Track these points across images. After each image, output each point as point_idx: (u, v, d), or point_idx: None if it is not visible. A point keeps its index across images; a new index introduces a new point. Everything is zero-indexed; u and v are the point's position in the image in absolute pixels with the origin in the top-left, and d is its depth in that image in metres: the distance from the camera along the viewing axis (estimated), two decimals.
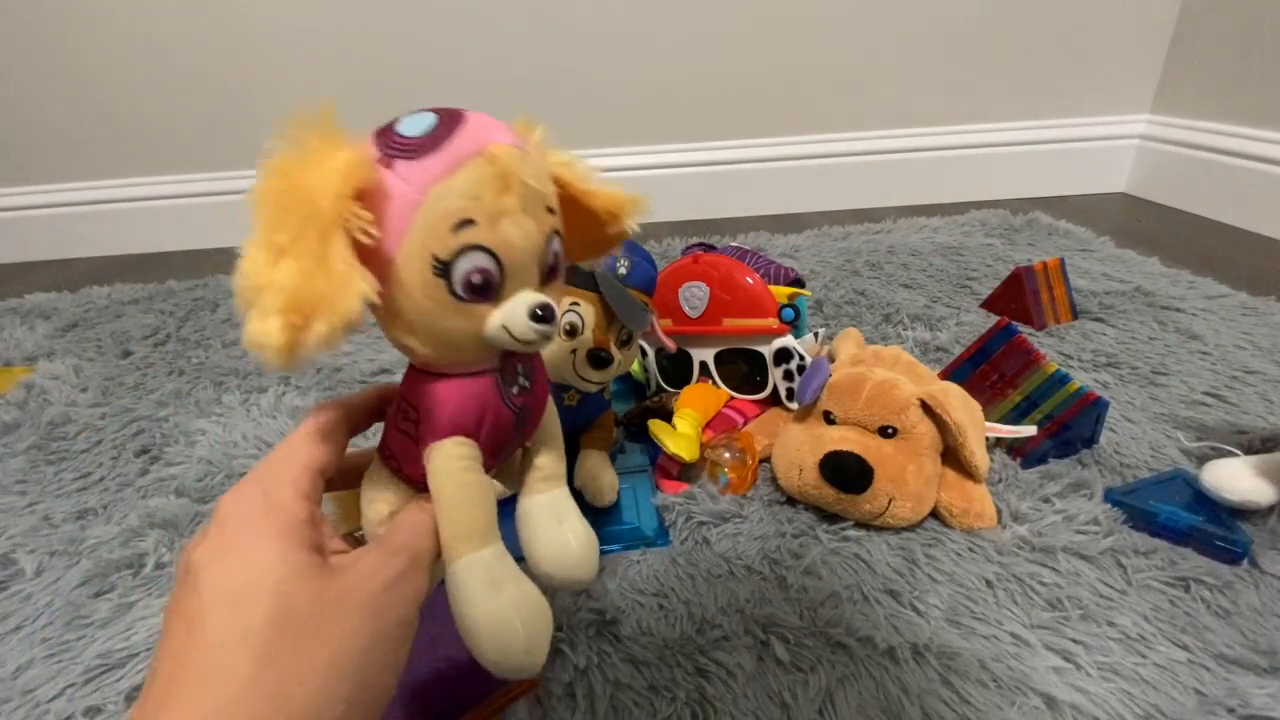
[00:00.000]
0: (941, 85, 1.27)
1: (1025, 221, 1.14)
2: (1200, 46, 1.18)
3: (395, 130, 0.24)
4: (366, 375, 0.77)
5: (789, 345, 0.58)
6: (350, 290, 0.21)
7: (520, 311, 0.24)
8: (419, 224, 0.23)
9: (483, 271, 0.24)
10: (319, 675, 0.21)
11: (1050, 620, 0.42)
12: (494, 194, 0.23)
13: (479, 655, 0.25)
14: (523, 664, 0.25)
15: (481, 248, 0.24)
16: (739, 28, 1.21)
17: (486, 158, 0.23)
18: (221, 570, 0.22)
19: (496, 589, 0.25)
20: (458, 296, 0.24)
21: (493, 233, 0.24)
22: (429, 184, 0.23)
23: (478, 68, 1.23)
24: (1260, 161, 1.06)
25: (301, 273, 0.20)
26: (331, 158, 0.22)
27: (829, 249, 1.08)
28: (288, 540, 0.23)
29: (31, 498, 0.60)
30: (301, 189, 0.21)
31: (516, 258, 0.24)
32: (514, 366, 0.28)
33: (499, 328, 0.25)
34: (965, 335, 0.77)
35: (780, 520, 0.51)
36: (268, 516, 0.23)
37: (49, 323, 0.97)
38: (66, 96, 1.23)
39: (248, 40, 1.20)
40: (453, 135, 0.24)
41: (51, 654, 0.44)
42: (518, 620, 0.25)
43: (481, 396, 0.27)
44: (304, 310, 0.20)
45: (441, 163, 0.23)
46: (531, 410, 0.29)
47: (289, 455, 0.26)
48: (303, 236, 0.21)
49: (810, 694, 0.38)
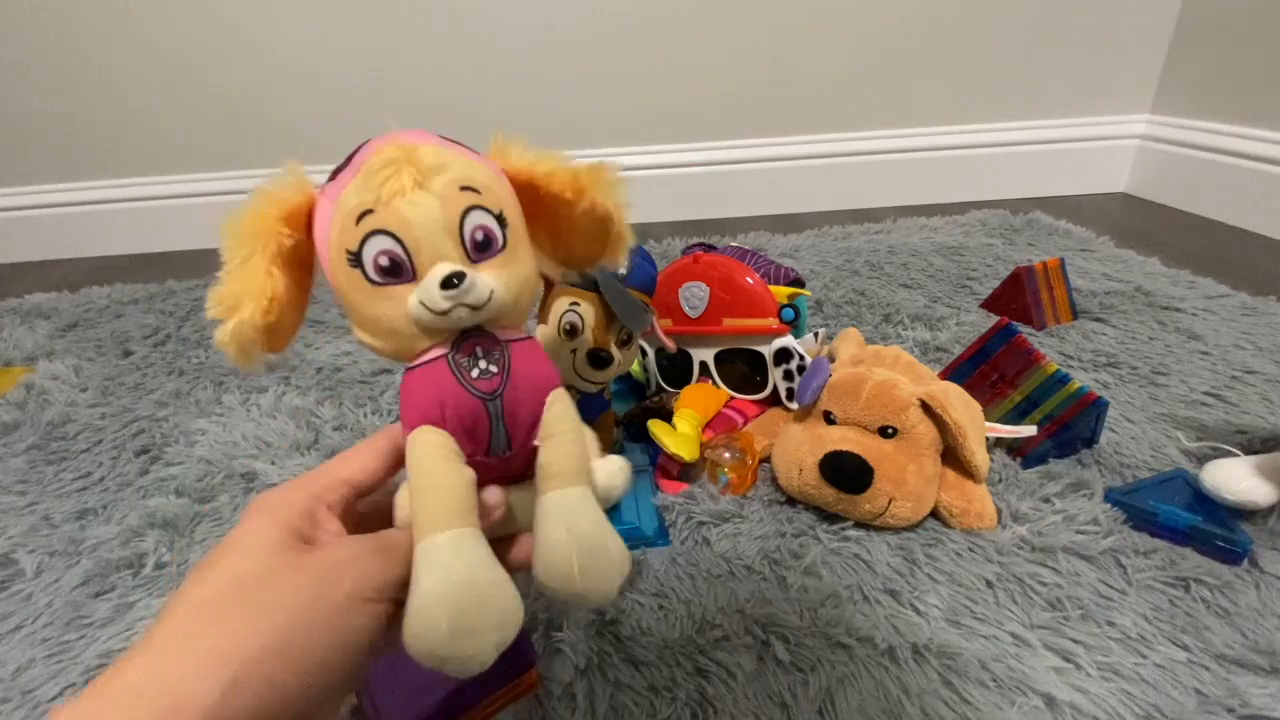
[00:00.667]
0: (941, 85, 1.27)
1: (1025, 221, 1.14)
2: (1200, 46, 1.18)
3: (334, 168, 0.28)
4: (366, 375, 0.77)
5: (789, 345, 0.58)
6: (256, 294, 0.25)
7: (432, 283, 0.25)
8: (334, 228, 0.26)
9: (387, 253, 0.26)
10: (246, 628, 0.22)
11: (1050, 620, 0.42)
12: (381, 181, 0.25)
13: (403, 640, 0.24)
14: (441, 653, 0.24)
15: (381, 231, 0.25)
16: (739, 28, 1.21)
17: (375, 153, 0.26)
18: (212, 549, 0.25)
19: (440, 574, 0.25)
20: (373, 281, 0.26)
21: (388, 214, 0.25)
22: (338, 193, 0.26)
23: (478, 68, 1.23)
24: (1260, 161, 1.06)
25: (229, 281, 0.26)
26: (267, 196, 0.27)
27: (829, 249, 1.08)
28: (270, 524, 0.25)
29: (31, 498, 0.60)
30: (238, 222, 0.26)
31: (417, 233, 0.26)
32: (471, 348, 0.28)
33: (418, 304, 0.26)
34: (965, 335, 0.77)
35: (780, 520, 0.51)
36: (268, 507, 0.26)
37: (49, 323, 0.97)
38: (66, 97, 1.23)
39: (248, 40, 1.20)
40: (359, 151, 0.27)
41: (51, 654, 0.44)
42: (443, 608, 0.24)
43: (436, 380, 0.27)
44: (227, 308, 0.25)
45: (349, 173, 0.26)
46: (510, 399, 0.28)
47: (330, 464, 0.29)
48: (236, 256, 0.26)
49: (810, 694, 0.38)
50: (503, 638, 0.25)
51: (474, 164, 0.28)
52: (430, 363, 0.27)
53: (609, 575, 0.28)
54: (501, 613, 0.25)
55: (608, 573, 0.28)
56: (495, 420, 0.28)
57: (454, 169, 0.27)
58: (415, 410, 0.27)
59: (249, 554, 0.24)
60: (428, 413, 0.27)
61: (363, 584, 0.25)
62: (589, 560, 0.27)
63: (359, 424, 0.68)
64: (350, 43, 1.20)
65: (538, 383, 0.29)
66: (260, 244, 0.26)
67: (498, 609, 0.25)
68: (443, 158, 0.26)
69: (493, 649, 0.25)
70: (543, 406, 0.29)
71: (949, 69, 1.25)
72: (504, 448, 0.29)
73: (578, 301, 0.49)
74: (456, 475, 0.27)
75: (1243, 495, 0.46)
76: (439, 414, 0.27)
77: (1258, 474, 0.47)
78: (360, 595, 0.24)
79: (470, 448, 0.28)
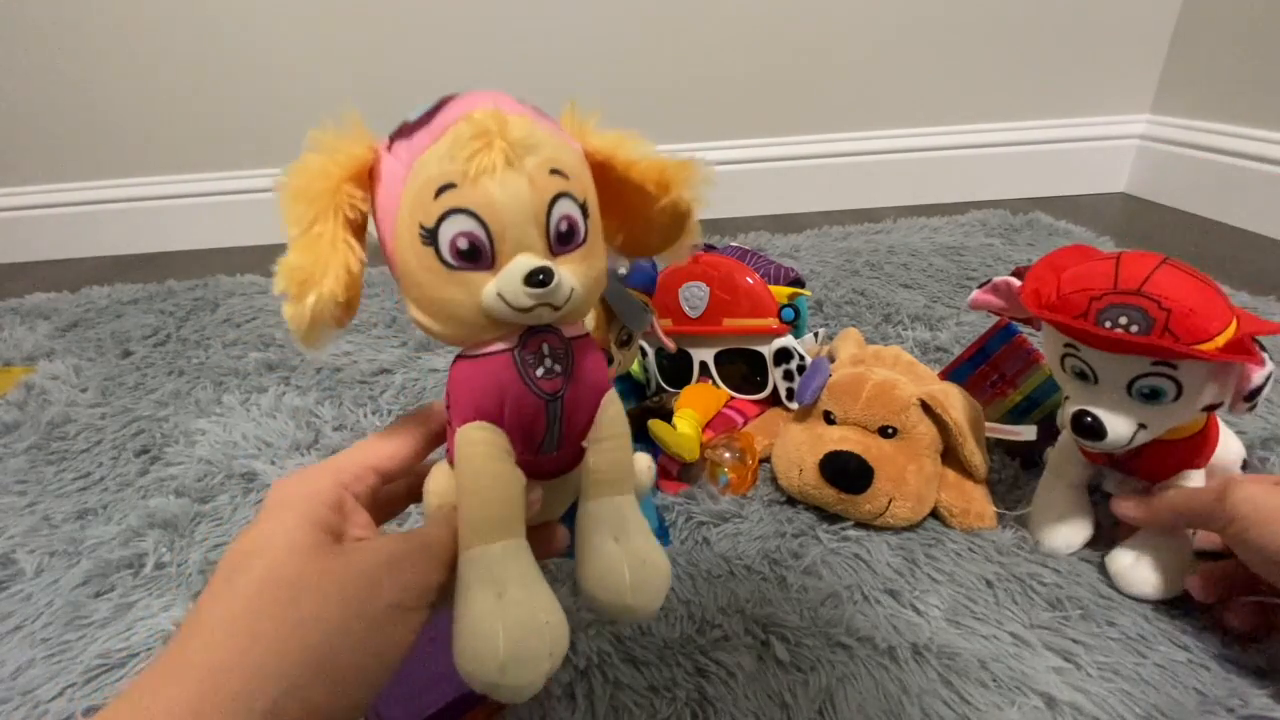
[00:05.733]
0: (941, 85, 1.27)
1: (1025, 221, 1.14)
2: (1200, 46, 1.18)
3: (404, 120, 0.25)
4: (366, 375, 0.77)
5: (789, 345, 0.58)
6: (333, 264, 0.23)
7: (515, 276, 0.23)
8: (406, 196, 0.24)
9: (468, 235, 0.23)
10: (288, 646, 0.21)
11: (1050, 620, 0.42)
12: (471, 153, 0.23)
13: (455, 659, 0.23)
14: (495, 680, 0.23)
15: (463, 210, 0.23)
16: (739, 28, 1.21)
17: (465, 120, 0.23)
18: (235, 545, 0.23)
19: (493, 590, 0.24)
20: (448, 264, 0.24)
21: (474, 193, 0.23)
22: (415, 157, 0.24)
23: (478, 68, 1.23)
24: (1260, 161, 1.06)
25: (298, 254, 0.23)
26: (336, 149, 0.24)
27: (829, 249, 1.08)
28: (300, 519, 0.23)
29: (31, 498, 0.60)
30: (303, 180, 0.23)
31: (503, 218, 0.23)
32: (538, 345, 0.26)
33: (495, 296, 0.24)
34: (965, 335, 0.77)
35: (780, 520, 0.51)
36: (295, 500, 0.24)
37: (49, 323, 0.97)
38: (67, 97, 1.23)
39: (248, 40, 1.20)
40: (440, 110, 0.24)
41: (51, 654, 0.44)
42: (499, 629, 0.23)
43: (498, 375, 0.25)
44: (298, 286, 0.23)
45: (428, 135, 0.24)
46: (570, 400, 0.27)
47: (356, 448, 0.27)
48: (302, 223, 0.23)
49: (810, 694, 0.38)
50: (553, 665, 0.24)
51: (563, 144, 0.25)
52: (493, 355, 0.25)
53: (659, 589, 0.27)
54: (554, 640, 0.24)
55: (657, 585, 0.27)
56: (552, 421, 0.26)
57: (545, 148, 0.24)
58: (470, 403, 0.25)
59: (281, 556, 0.22)
60: (485, 408, 0.25)
61: (404, 593, 0.23)
62: (640, 573, 0.26)
63: (359, 424, 0.68)
64: (350, 43, 1.20)
65: (597, 385, 0.28)
66: (328, 207, 0.23)
67: (551, 635, 0.24)
68: (535, 134, 0.24)
69: (543, 677, 0.24)
70: (597, 409, 0.28)
71: (949, 69, 1.25)
72: (554, 447, 0.27)
73: None
74: (512, 481, 0.25)
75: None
76: (498, 411, 0.25)
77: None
78: (403, 605, 0.23)
79: (520, 447, 0.26)
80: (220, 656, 0.20)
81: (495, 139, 0.23)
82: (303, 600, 0.22)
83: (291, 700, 0.20)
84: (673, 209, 0.28)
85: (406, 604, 0.24)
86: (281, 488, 0.25)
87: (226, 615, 0.21)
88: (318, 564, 0.23)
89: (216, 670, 0.20)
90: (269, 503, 0.25)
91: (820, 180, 1.32)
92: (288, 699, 0.20)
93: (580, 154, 0.26)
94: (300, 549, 0.23)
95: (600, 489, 0.27)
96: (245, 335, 0.90)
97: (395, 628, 0.23)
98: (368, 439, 0.28)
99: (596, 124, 0.28)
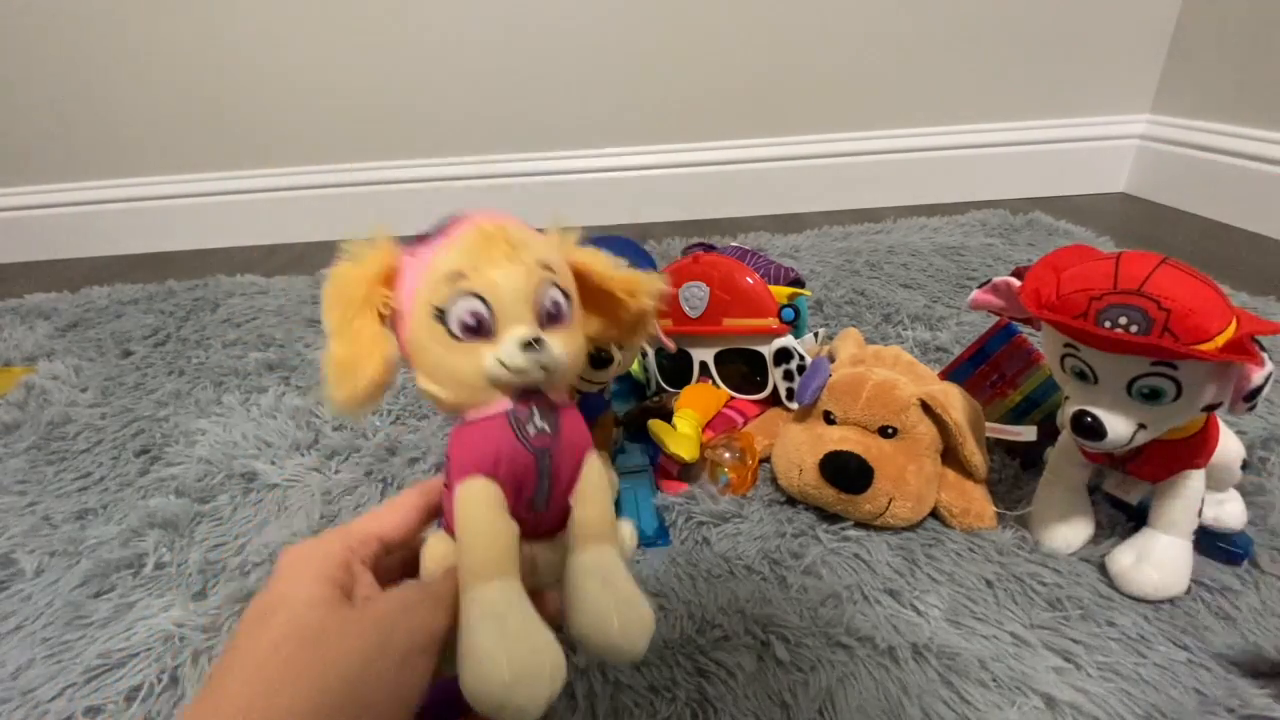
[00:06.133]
0: (941, 85, 1.27)
1: (1025, 221, 1.14)
2: (1200, 46, 1.18)
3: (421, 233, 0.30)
4: None
5: (789, 345, 0.58)
6: (374, 354, 0.28)
7: (513, 342, 0.28)
8: (423, 284, 0.28)
9: (474, 313, 0.28)
10: (315, 688, 0.22)
11: (1050, 620, 0.42)
12: (478, 250, 0.28)
13: (462, 685, 0.25)
14: (501, 700, 0.24)
15: (471, 293, 0.28)
16: (739, 27, 1.21)
17: (475, 226, 0.29)
18: (254, 605, 0.25)
19: (495, 621, 0.25)
20: (455, 336, 0.28)
21: (479, 278, 0.28)
22: (432, 255, 0.29)
23: (479, 68, 1.23)
24: (1260, 161, 1.06)
25: (341, 347, 0.28)
26: (367, 257, 0.29)
27: (829, 249, 1.08)
28: (315, 577, 0.26)
29: (31, 498, 0.60)
30: (342, 285, 0.28)
31: (503, 297, 0.28)
32: (529, 407, 0.29)
33: (495, 360, 0.28)
34: (965, 335, 0.77)
35: (780, 520, 0.51)
36: (308, 560, 0.27)
37: (49, 323, 0.97)
38: (66, 97, 1.23)
39: (248, 41, 1.20)
40: (454, 222, 0.30)
41: (51, 654, 0.44)
42: (503, 653, 0.25)
43: (494, 435, 0.29)
44: (344, 373, 0.27)
45: (443, 239, 0.29)
46: (558, 456, 0.30)
47: (362, 519, 0.30)
48: (343, 319, 0.28)
49: (810, 694, 0.38)
50: (554, 690, 0.26)
51: (550, 246, 0.31)
52: (490, 418, 0.29)
53: (644, 630, 0.29)
54: (554, 665, 0.26)
55: (643, 627, 0.29)
56: (542, 476, 0.29)
57: (536, 248, 0.30)
58: (469, 460, 0.28)
59: (302, 608, 0.24)
60: (482, 464, 0.28)
61: (417, 636, 0.25)
62: (626, 613, 0.28)
63: (359, 424, 0.68)
64: (349, 44, 1.20)
65: (579, 444, 0.31)
66: (365, 306, 0.28)
67: (550, 660, 0.26)
68: (529, 238, 0.30)
69: (545, 699, 0.25)
70: (580, 466, 0.31)
71: (949, 69, 1.25)
72: (543, 504, 0.30)
73: None
74: (506, 526, 0.28)
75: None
76: (493, 466, 0.28)
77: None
78: (417, 647, 0.25)
79: (513, 502, 0.29)
80: (250, 698, 0.22)
81: (499, 240, 0.28)
82: (326, 644, 0.23)
83: None
84: (638, 311, 0.35)
85: (419, 646, 0.25)
86: (292, 552, 0.27)
87: (254, 661, 0.23)
88: (337, 614, 0.24)
89: (248, 710, 0.21)
90: (282, 565, 0.27)
91: (820, 180, 1.32)
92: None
93: (563, 259, 0.32)
94: (318, 602, 0.25)
95: (587, 541, 0.30)
96: (245, 335, 0.90)
97: (411, 670, 0.25)
98: (372, 510, 0.31)
99: (576, 241, 0.34)
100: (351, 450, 0.63)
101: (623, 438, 0.60)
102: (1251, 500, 0.49)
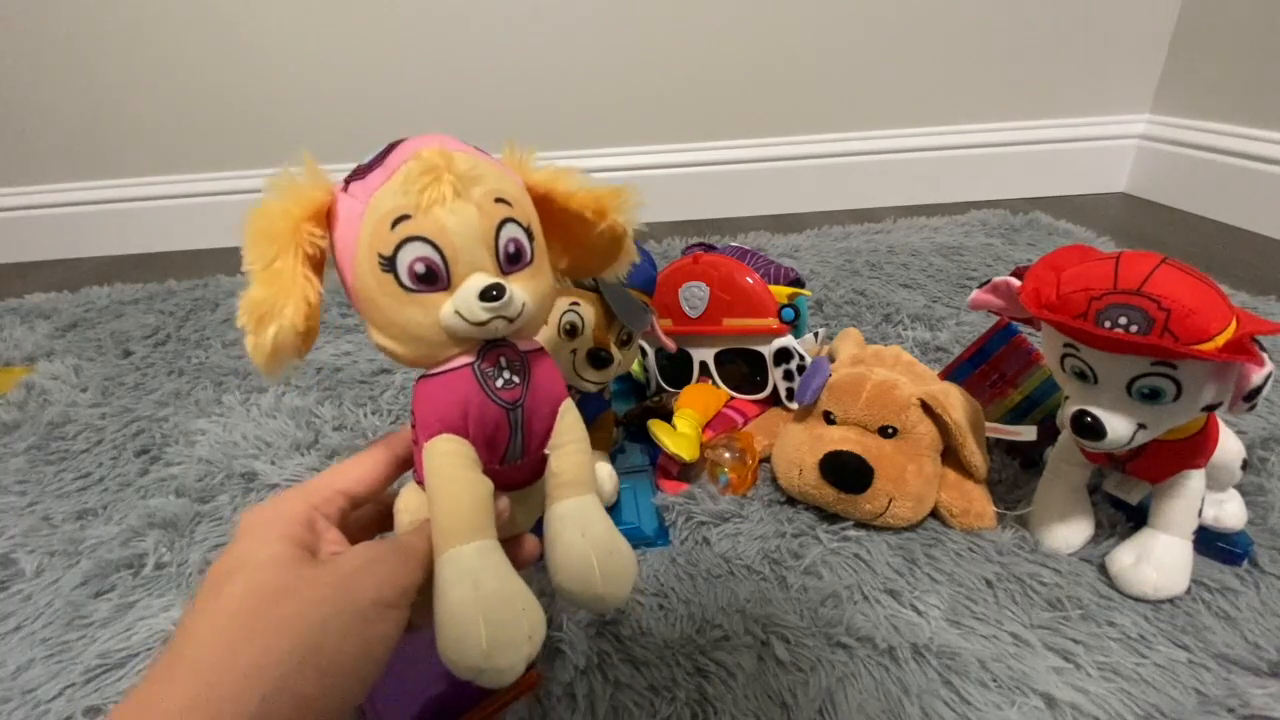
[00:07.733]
0: (941, 85, 1.27)
1: (1025, 221, 1.14)
2: (1200, 46, 1.18)
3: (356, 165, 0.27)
4: (366, 375, 0.77)
5: (789, 345, 0.58)
6: (294, 296, 0.24)
7: (471, 293, 0.25)
8: (364, 229, 0.26)
9: (424, 260, 0.25)
10: (276, 645, 0.22)
11: (1050, 620, 0.42)
12: (422, 187, 0.25)
13: (439, 651, 0.24)
14: (479, 665, 0.24)
15: (418, 238, 0.25)
16: (739, 27, 1.21)
17: (414, 158, 0.25)
18: (216, 566, 0.24)
19: (469, 584, 0.24)
20: (406, 288, 0.26)
21: (426, 221, 0.25)
22: (370, 194, 0.26)
23: (479, 67, 1.23)
24: (1260, 161, 1.06)
25: (259, 288, 0.24)
26: (293, 192, 0.26)
27: (829, 249, 1.08)
28: (275, 537, 0.25)
29: (31, 498, 0.60)
30: (263, 221, 0.25)
31: (455, 242, 0.25)
32: (495, 358, 0.28)
33: (452, 313, 0.26)
34: (965, 335, 0.77)
35: (780, 520, 0.51)
36: (268, 520, 0.26)
37: (49, 323, 0.97)
38: (68, 97, 1.23)
39: (248, 40, 1.20)
40: (390, 152, 0.26)
41: (51, 654, 0.44)
42: (479, 618, 0.24)
43: (460, 389, 0.27)
44: (258, 318, 0.24)
45: (381, 174, 0.26)
46: (530, 407, 0.28)
47: (325, 474, 0.29)
48: (262, 258, 0.25)
49: (810, 694, 0.38)
50: (533, 649, 0.25)
51: (505, 176, 0.28)
52: (453, 371, 0.27)
53: (626, 577, 0.28)
54: (532, 624, 0.25)
55: (625, 574, 0.28)
56: (515, 429, 0.28)
57: (489, 180, 0.26)
58: (435, 418, 0.27)
59: (263, 568, 0.24)
60: (450, 421, 0.27)
61: (384, 589, 0.24)
62: (607, 562, 0.28)
63: (359, 424, 0.68)
64: (349, 43, 1.20)
65: (553, 393, 0.29)
66: (289, 245, 0.25)
67: (529, 620, 0.25)
68: (478, 167, 0.26)
69: (524, 660, 0.25)
70: (555, 416, 0.29)
71: (949, 69, 1.25)
72: (518, 456, 0.29)
73: (578, 301, 0.49)
74: (479, 485, 0.27)
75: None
76: (462, 423, 0.27)
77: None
78: (383, 601, 0.24)
79: (487, 456, 0.28)
80: (210, 660, 0.21)
81: (444, 173, 0.25)
82: (286, 602, 0.23)
83: (282, 695, 0.21)
84: (610, 232, 0.31)
85: (387, 600, 0.24)
86: (253, 512, 0.26)
87: (215, 622, 0.22)
88: (297, 571, 0.24)
89: (207, 672, 0.21)
90: (243, 526, 0.26)
91: (820, 180, 1.32)
92: (278, 694, 0.21)
93: (521, 185, 0.29)
94: (279, 560, 0.24)
95: (564, 490, 0.29)
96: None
97: (379, 623, 0.24)
98: (335, 465, 0.30)
99: (534, 160, 0.30)
100: (351, 450, 0.63)
101: (623, 438, 0.60)
102: (1251, 500, 0.49)
